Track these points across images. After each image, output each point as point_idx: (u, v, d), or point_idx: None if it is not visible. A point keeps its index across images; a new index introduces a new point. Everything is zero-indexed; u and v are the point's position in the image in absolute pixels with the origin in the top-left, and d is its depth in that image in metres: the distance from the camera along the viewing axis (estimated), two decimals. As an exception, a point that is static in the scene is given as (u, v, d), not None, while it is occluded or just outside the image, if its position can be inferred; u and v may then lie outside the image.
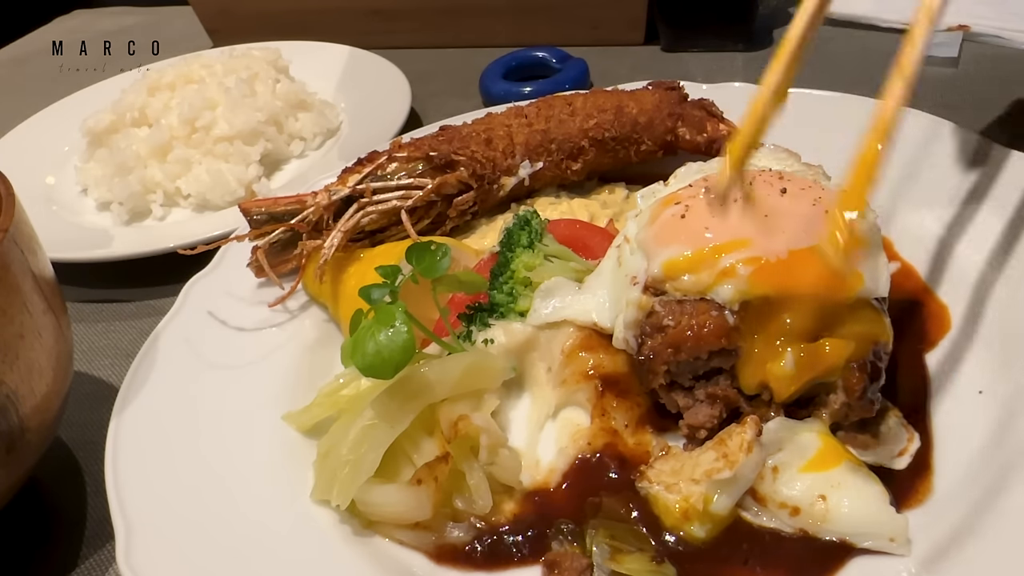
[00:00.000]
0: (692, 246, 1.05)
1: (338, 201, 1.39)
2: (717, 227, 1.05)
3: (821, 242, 0.91)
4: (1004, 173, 1.35)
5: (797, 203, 1.06)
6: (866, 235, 1.04)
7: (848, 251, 0.89)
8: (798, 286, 1.00)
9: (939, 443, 1.05)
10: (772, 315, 1.01)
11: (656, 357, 1.05)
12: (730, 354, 1.04)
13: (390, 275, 1.08)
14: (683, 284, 1.04)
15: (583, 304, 1.18)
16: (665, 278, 1.05)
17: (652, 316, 1.06)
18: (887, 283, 1.03)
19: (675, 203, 1.12)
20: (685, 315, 1.03)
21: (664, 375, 1.07)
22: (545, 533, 1.02)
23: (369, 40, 2.31)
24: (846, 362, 0.99)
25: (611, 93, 1.57)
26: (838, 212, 0.89)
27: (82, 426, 1.32)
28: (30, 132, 2.13)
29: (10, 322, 0.99)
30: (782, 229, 1.03)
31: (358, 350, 1.01)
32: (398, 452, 1.07)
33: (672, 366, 1.05)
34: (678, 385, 1.08)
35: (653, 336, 1.05)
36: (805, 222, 1.03)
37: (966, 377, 1.12)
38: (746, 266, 1.01)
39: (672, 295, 1.05)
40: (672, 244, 1.06)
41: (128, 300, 1.62)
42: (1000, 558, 0.90)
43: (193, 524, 1.04)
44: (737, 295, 1.01)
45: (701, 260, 1.03)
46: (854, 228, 0.88)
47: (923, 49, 0.91)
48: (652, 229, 1.11)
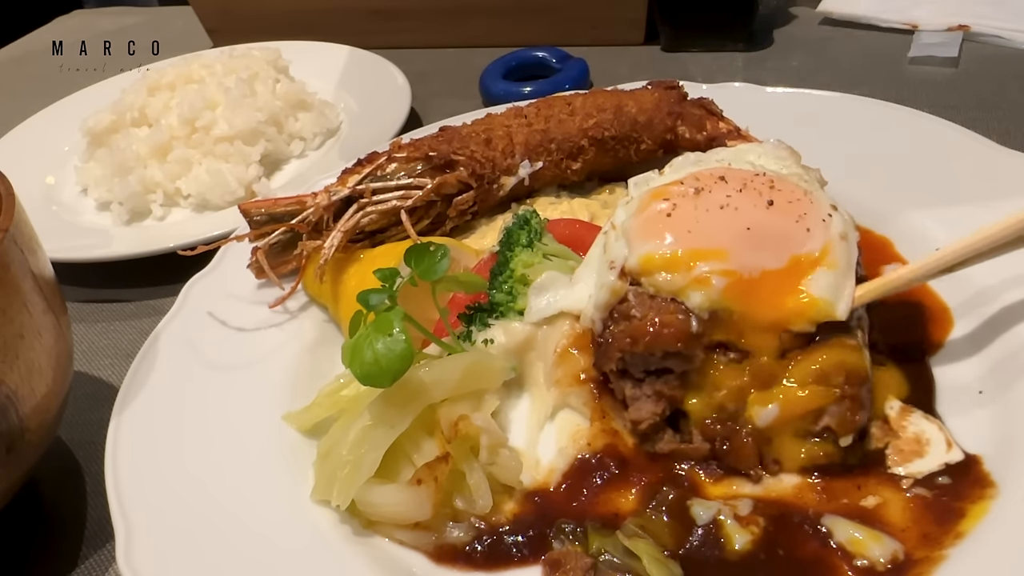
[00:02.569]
0: (672, 246, 1.06)
1: (338, 202, 1.39)
2: (700, 232, 1.07)
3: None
4: (1004, 173, 1.35)
5: (781, 219, 1.07)
6: (839, 261, 1.05)
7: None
8: (763, 309, 1.03)
9: (939, 443, 1.05)
10: (737, 333, 1.04)
11: (613, 342, 1.08)
12: (684, 359, 1.05)
13: (388, 278, 1.08)
14: (657, 281, 1.06)
15: (577, 294, 1.19)
16: (641, 271, 1.07)
17: (623, 303, 1.08)
18: (847, 308, 1.04)
19: (664, 198, 1.13)
20: (652, 311, 1.05)
21: (617, 361, 1.08)
22: (545, 533, 1.02)
23: (369, 40, 2.31)
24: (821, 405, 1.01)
25: (610, 93, 1.57)
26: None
27: (82, 426, 1.32)
28: (30, 132, 2.14)
29: (10, 322, 0.99)
30: (761, 246, 1.05)
31: (356, 358, 1.01)
32: (398, 452, 1.07)
33: (627, 355, 1.07)
34: (629, 375, 1.09)
35: (618, 322, 1.08)
36: (784, 242, 1.05)
37: (966, 377, 1.12)
38: (720, 278, 1.02)
39: (646, 288, 1.07)
40: (653, 239, 1.08)
41: (128, 300, 1.62)
42: (1000, 558, 0.89)
43: (193, 524, 1.04)
44: (707, 303, 1.03)
45: (677, 262, 1.05)
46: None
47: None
48: (637, 220, 1.13)
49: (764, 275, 1.03)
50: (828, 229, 1.07)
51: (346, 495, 1.03)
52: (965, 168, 1.39)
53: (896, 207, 1.37)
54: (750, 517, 0.99)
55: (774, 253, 1.05)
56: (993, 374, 1.11)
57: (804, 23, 2.25)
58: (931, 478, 1.01)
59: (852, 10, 2.19)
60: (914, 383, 1.13)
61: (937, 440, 1.04)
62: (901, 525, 0.96)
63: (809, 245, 1.05)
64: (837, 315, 1.02)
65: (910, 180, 1.40)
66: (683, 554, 0.97)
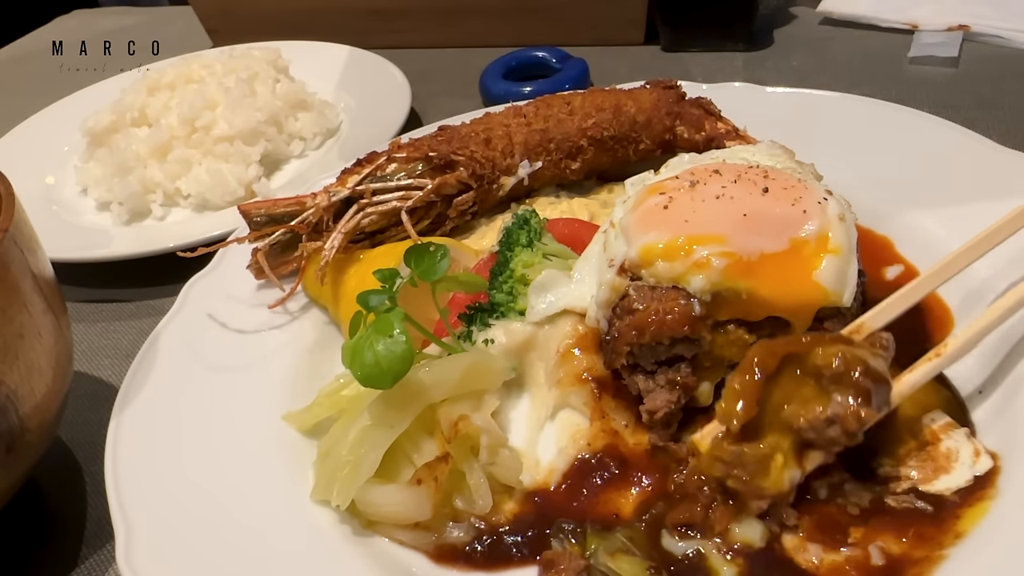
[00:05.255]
0: (670, 235, 1.07)
1: (338, 202, 1.39)
2: (697, 220, 1.08)
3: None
4: (1004, 173, 1.35)
5: (777, 204, 1.09)
6: (840, 243, 1.05)
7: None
8: (765, 287, 1.02)
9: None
10: (744, 312, 1.04)
11: (620, 337, 1.08)
12: (693, 343, 1.06)
13: (388, 279, 1.08)
14: (657, 270, 1.07)
15: (579, 291, 1.20)
16: (641, 263, 1.08)
17: (625, 299, 1.09)
18: (851, 296, 1.05)
19: (660, 193, 1.14)
20: (654, 301, 1.06)
21: (627, 356, 1.09)
22: (545, 533, 1.02)
23: (369, 40, 2.31)
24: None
25: (609, 92, 1.57)
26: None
27: (82, 426, 1.32)
28: (30, 132, 2.14)
29: (10, 322, 0.99)
30: (759, 231, 1.06)
31: (356, 360, 1.01)
32: (398, 452, 1.07)
33: (635, 348, 1.08)
34: (641, 368, 1.10)
35: (622, 318, 1.09)
36: (782, 224, 1.06)
37: (966, 377, 1.12)
38: (719, 259, 1.03)
39: (647, 280, 1.08)
40: (651, 231, 1.09)
41: (128, 300, 1.62)
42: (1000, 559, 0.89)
43: (193, 524, 1.04)
44: (708, 286, 1.03)
45: (677, 249, 1.06)
46: None
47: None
48: (635, 215, 1.14)
49: (764, 257, 1.04)
50: (825, 211, 1.08)
51: (346, 495, 1.03)
52: (965, 168, 1.39)
53: (896, 207, 1.37)
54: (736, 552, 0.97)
55: (773, 236, 1.06)
56: (993, 374, 1.11)
57: (804, 23, 2.25)
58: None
59: (852, 10, 2.19)
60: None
61: (966, 455, 1.02)
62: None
63: (808, 227, 1.06)
64: (843, 303, 1.03)
65: (910, 180, 1.40)
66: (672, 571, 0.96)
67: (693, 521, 0.99)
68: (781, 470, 0.97)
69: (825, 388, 0.97)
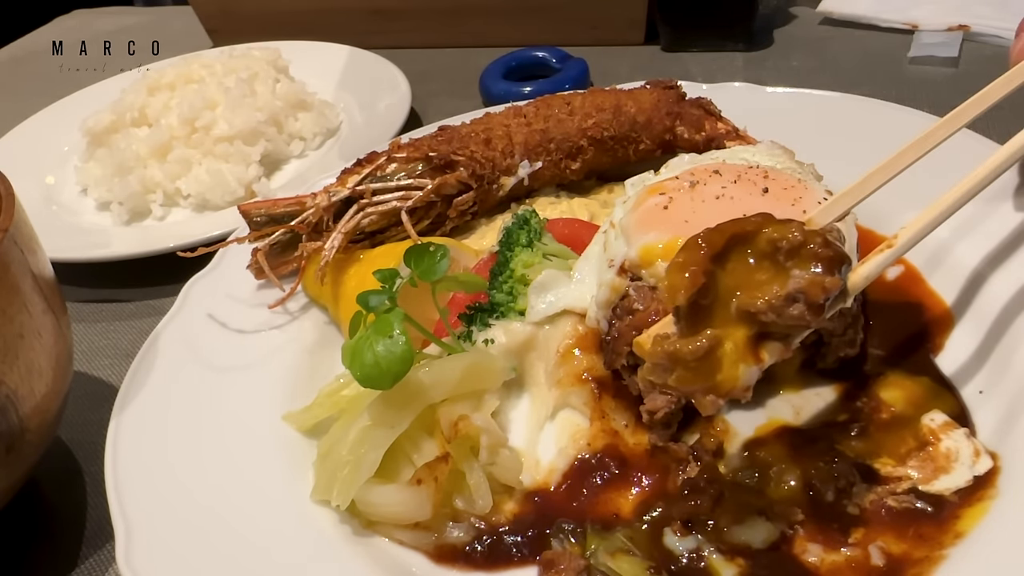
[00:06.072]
0: (670, 235, 1.07)
1: (338, 202, 1.39)
2: (697, 220, 1.07)
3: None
4: (1004, 173, 1.34)
5: (777, 204, 1.08)
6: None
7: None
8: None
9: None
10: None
11: (620, 338, 1.08)
12: None
13: (388, 279, 1.08)
14: (657, 270, 1.06)
15: (579, 291, 1.20)
16: (641, 263, 1.08)
17: (625, 299, 1.09)
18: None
19: (660, 193, 1.14)
20: (654, 301, 1.06)
21: (627, 356, 1.08)
22: (545, 533, 1.02)
23: (369, 40, 2.31)
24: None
25: (609, 92, 1.57)
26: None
27: (82, 426, 1.32)
28: (30, 132, 2.13)
29: (10, 322, 0.99)
30: None
31: (356, 360, 1.01)
32: (398, 452, 1.07)
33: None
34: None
35: (622, 318, 1.08)
36: None
37: (966, 377, 1.12)
38: None
39: (647, 280, 1.08)
40: (651, 231, 1.09)
41: (128, 300, 1.62)
42: (1000, 559, 0.89)
43: (193, 524, 1.04)
44: None
45: (676, 249, 1.03)
46: None
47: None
48: (635, 215, 1.14)
49: None
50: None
51: (346, 495, 1.03)
52: (965, 168, 1.38)
53: (896, 207, 1.37)
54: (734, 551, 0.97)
55: None
56: (993, 374, 1.11)
57: (804, 23, 2.25)
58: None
59: (852, 10, 2.19)
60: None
61: (966, 455, 1.01)
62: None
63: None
64: (843, 303, 1.02)
65: (910, 180, 1.40)
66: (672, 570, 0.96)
67: (700, 513, 0.99)
68: (735, 363, 0.89)
69: (782, 266, 0.89)
